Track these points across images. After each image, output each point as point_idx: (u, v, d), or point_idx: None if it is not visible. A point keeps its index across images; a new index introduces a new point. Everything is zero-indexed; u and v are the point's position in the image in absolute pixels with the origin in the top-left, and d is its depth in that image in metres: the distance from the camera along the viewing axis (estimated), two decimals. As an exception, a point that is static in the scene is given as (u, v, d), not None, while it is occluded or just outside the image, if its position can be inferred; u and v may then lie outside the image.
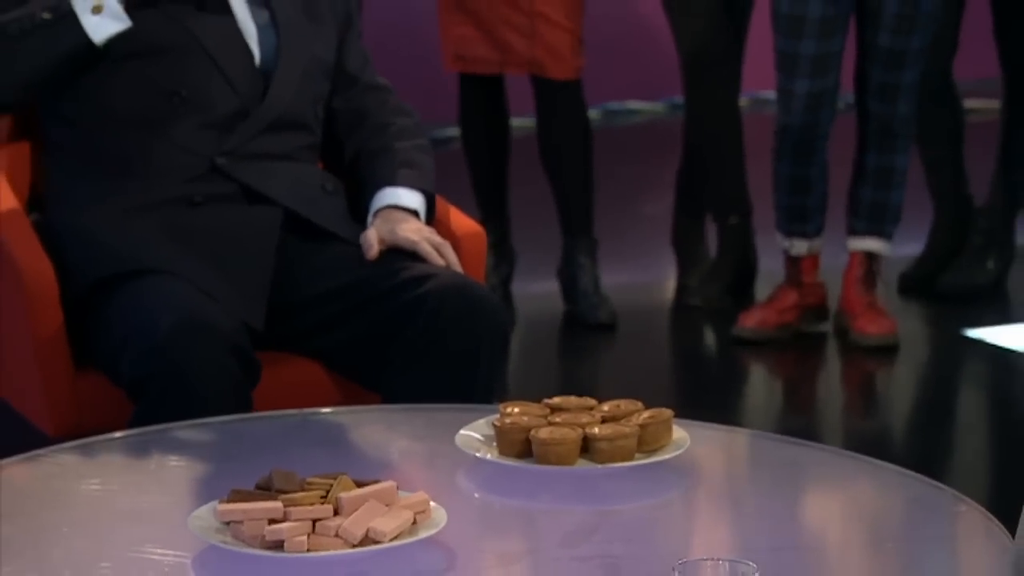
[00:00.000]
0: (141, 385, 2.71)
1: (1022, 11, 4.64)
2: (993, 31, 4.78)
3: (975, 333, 4.59)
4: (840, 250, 4.57)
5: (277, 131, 2.98)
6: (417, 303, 2.84)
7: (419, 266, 2.89)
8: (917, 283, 4.85)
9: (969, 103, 6.49)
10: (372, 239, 2.92)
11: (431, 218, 3.03)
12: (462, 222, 3.11)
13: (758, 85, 4.46)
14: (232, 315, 2.79)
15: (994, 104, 5.07)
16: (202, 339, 2.69)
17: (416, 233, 2.93)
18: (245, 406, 2.71)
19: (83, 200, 2.93)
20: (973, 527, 2.16)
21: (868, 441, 4.00)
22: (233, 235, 2.90)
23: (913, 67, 4.31)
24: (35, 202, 3.09)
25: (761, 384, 4.56)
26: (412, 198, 3.01)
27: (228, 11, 2.98)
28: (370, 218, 3.00)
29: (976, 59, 5.28)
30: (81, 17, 2.86)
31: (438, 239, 2.94)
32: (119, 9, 2.87)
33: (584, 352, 4.65)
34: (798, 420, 4.23)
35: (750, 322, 4.50)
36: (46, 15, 2.86)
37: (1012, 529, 1.98)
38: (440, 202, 3.08)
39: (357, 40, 3.15)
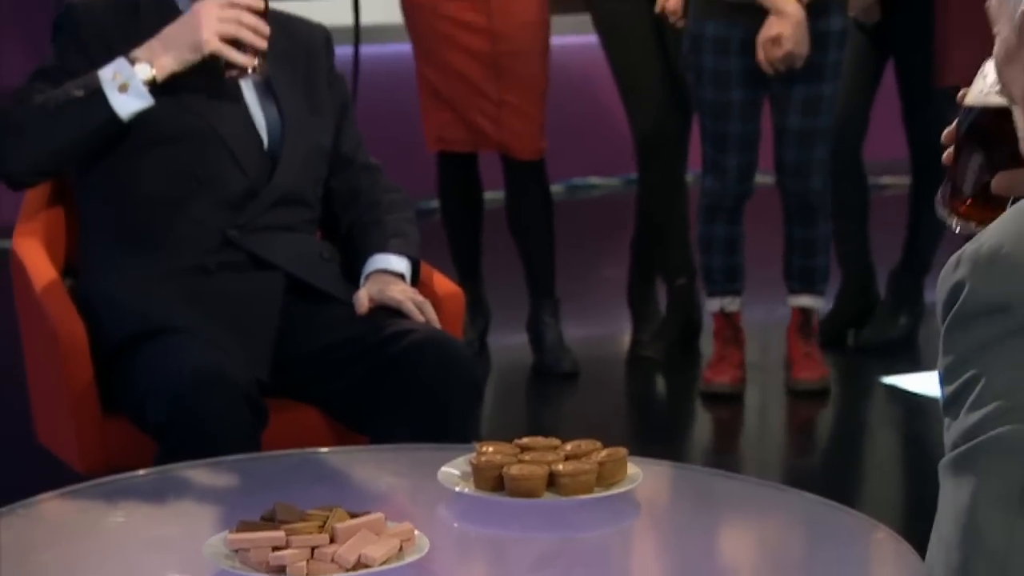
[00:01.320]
0: (164, 429, 2.71)
1: (927, 99, 4.67)
2: (902, 116, 4.82)
3: (890, 380, 4.61)
4: (780, 306, 4.59)
5: (282, 207, 2.99)
6: (400, 356, 2.84)
7: (402, 322, 2.90)
8: (827, 339, 4.82)
9: (883, 180, 6.55)
10: (363, 298, 2.94)
11: (416, 280, 3.05)
12: (443, 284, 3.12)
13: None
14: (242, 368, 2.79)
15: (904, 180, 5.10)
16: (217, 389, 2.70)
17: (402, 293, 2.95)
18: (255, 447, 2.71)
19: (112, 268, 2.94)
20: (888, 550, 2.17)
21: (798, 475, 4.01)
22: (242, 298, 2.92)
23: (822, 144, 4.27)
24: (70, 269, 3.10)
25: (706, 425, 4.56)
26: (399, 263, 3.02)
27: (240, 99, 3.00)
28: (362, 280, 3.01)
29: (888, 141, 5.32)
30: (109, 95, 2.88)
31: (420, 298, 2.95)
32: (143, 89, 2.89)
33: (550, 398, 4.65)
34: (738, 457, 4.23)
35: (725, 378, 4.42)
36: (79, 93, 2.89)
37: (922, 552, 2.00)
38: (424, 266, 3.10)
39: (352, 125, 3.17)
